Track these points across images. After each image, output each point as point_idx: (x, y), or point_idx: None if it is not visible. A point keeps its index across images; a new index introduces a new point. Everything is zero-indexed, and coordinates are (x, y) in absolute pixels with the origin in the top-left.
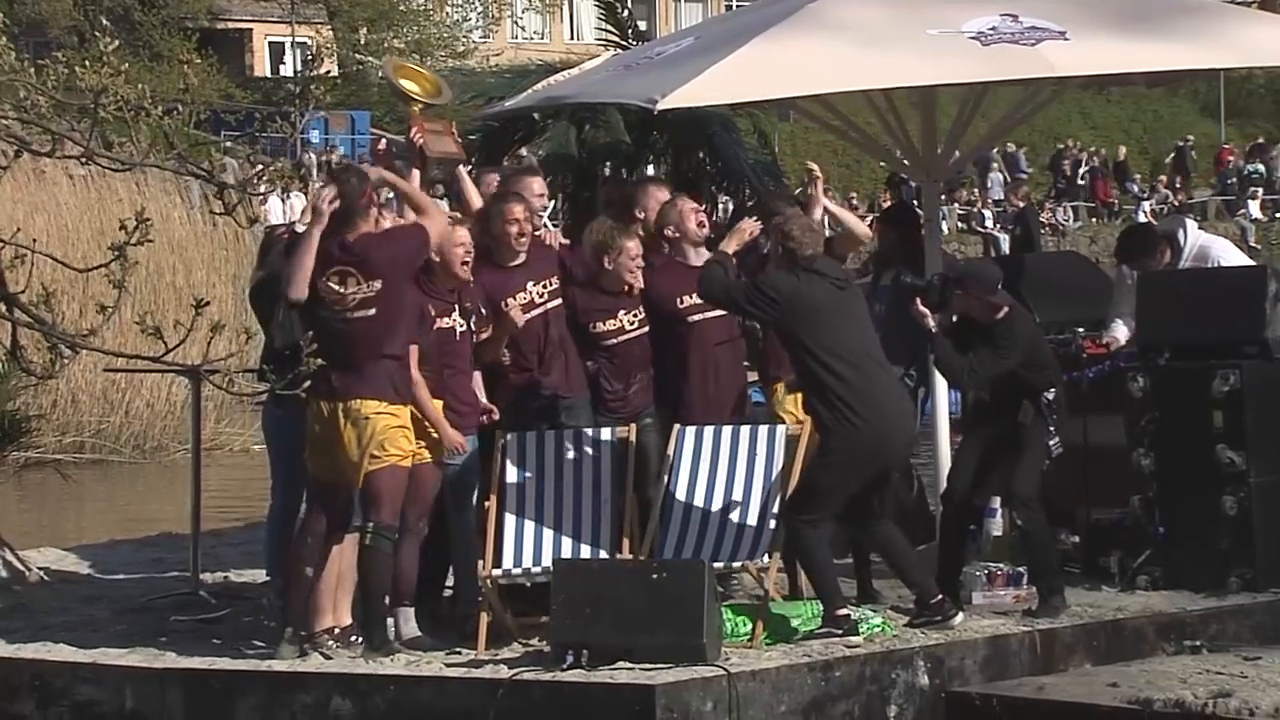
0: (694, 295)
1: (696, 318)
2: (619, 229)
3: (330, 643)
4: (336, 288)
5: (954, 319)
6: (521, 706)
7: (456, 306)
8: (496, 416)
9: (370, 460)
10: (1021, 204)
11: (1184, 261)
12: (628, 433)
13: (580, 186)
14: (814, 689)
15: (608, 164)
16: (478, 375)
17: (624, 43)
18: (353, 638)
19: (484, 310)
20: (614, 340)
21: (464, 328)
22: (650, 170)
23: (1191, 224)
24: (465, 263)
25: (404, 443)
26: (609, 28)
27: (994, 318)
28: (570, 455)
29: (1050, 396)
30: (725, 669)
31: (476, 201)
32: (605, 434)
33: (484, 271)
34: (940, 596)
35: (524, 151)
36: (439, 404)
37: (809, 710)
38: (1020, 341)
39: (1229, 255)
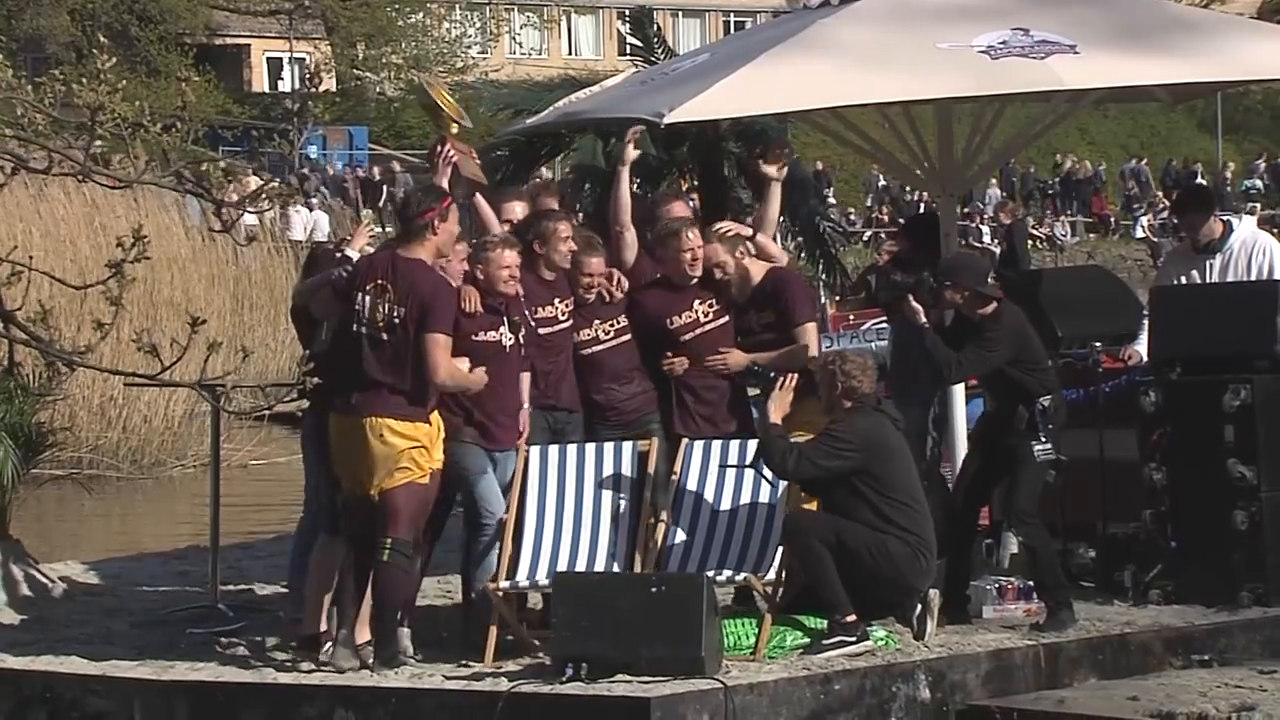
0: (683, 315)
1: (688, 336)
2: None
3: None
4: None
5: (948, 321)
6: (520, 719)
7: (505, 320)
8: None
9: (389, 476)
10: (1009, 221)
11: (1232, 245)
12: (648, 447)
13: (606, 199)
14: (813, 702)
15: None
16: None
17: (650, 57)
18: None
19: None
20: (587, 350)
21: (511, 341)
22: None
23: (1250, 220)
24: (509, 281)
25: (422, 460)
26: (636, 42)
27: (984, 310)
28: (590, 469)
29: (1045, 404)
30: (722, 681)
31: (494, 224)
32: (626, 448)
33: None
34: (852, 616)
35: (545, 171)
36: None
37: None
38: (1008, 335)
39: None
